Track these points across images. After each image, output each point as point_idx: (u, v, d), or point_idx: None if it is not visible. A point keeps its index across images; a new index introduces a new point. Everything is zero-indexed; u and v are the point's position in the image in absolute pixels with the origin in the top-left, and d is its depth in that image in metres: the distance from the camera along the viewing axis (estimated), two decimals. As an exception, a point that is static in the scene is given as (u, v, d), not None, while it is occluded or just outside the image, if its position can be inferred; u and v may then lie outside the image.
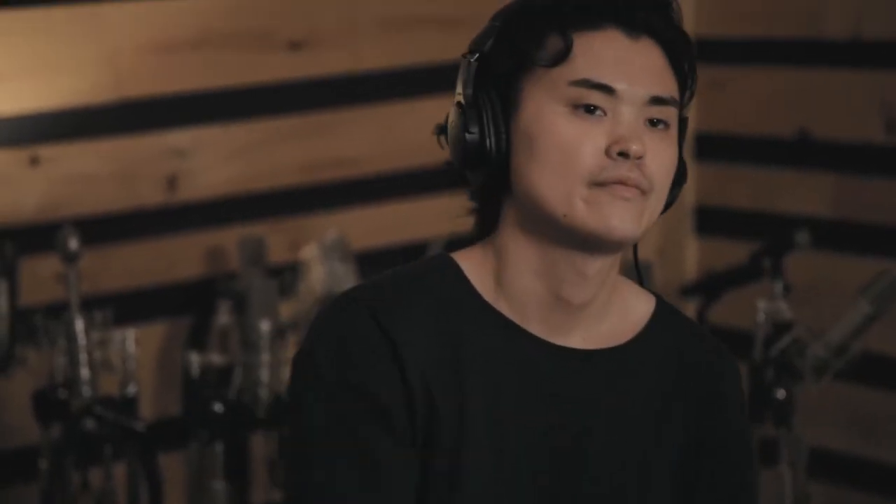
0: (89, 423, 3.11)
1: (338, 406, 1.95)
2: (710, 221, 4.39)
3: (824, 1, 4.12)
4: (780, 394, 3.18)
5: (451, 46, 2.14)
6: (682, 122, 1.93)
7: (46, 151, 3.49)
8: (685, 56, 1.91)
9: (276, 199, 3.88)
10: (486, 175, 1.89)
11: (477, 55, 1.86)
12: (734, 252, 3.80)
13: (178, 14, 3.73)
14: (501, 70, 1.88)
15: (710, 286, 3.71)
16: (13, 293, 3.15)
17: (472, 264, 1.96)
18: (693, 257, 4.47)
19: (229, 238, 3.69)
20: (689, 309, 3.71)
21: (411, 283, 2.02)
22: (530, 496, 1.99)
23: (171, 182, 3.65)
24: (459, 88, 1.88)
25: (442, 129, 1.89)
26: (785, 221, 3.85)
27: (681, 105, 1.93)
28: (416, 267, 2.07)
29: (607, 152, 1.81)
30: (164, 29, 3.66)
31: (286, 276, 3.61)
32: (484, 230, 1.94)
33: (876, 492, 3.96)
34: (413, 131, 3.82)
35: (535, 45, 1.86)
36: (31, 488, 3.27)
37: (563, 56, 1.83)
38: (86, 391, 3.09)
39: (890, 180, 3.94)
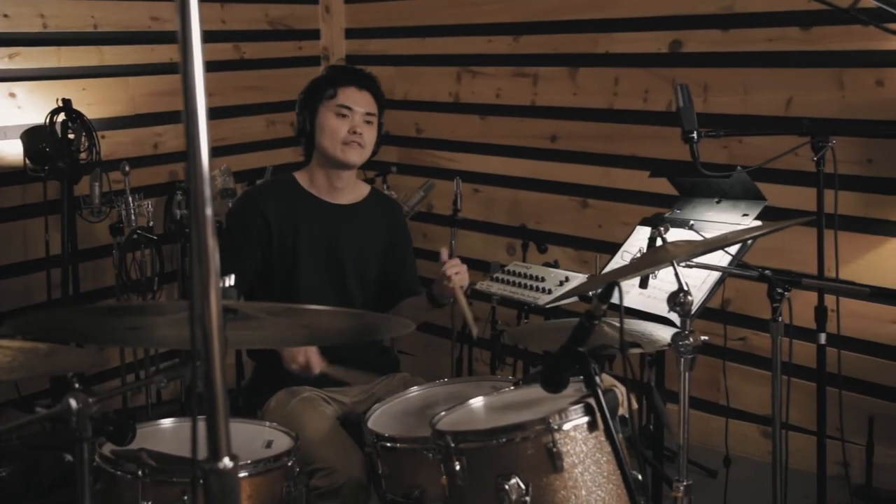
0: (135, 235, 3.66)
1: (236, 230, 2.57)
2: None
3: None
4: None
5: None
6: (381, 124, 2.63)
7: (106, 133, 3.89)
8: (380, 97, 2.63)
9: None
10: (306, 139, 2.61)
11: (302, 96, 2.60)
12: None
13: (159, 81, 4.08)
14: (312, 101, 2.57)
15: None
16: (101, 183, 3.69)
17: (300, 175, 2.65)
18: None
19: (181, 167, 4.10)
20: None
21: (273, 185, 2.79)
22: (325, 265, 2.59)
23: (156, 146, 4.16)
24: (297, 109, 2.61)
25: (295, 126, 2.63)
26: (385, 164, 4.33)
27: (378, 115, 2.61)
28: (277, 178, 2.94)
29: (349, 132, 2.52)
30: (152, 86, 4.09)
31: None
32: (306, 161, 2.67)
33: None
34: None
35: (324, 92, 2.56)
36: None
37: (333, 96, 2.55)
38: (132, 224, 3.66)
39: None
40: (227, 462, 1.14)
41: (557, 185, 4.17)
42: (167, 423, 2.18)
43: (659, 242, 2.12)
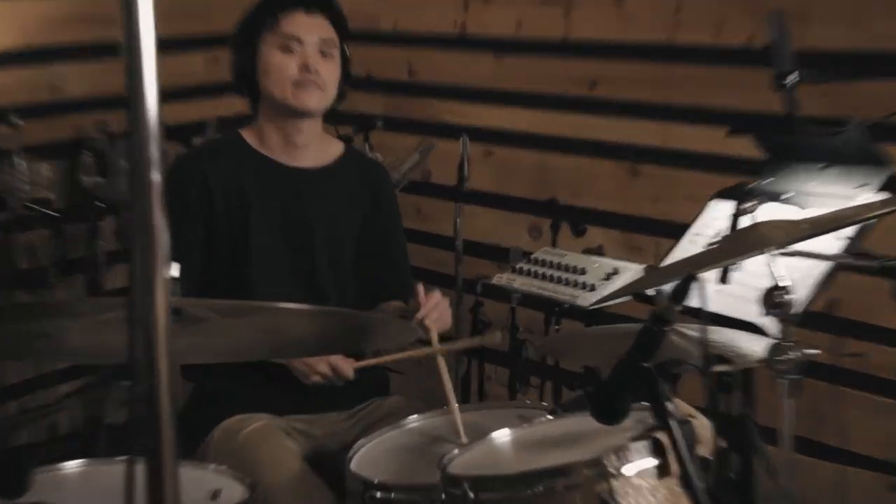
0: (26, 211, 3.62)
1: (172, 204, 2.59)
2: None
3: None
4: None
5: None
6: (346, 57, 2.68)
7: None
8: (339, 21, 2.68)
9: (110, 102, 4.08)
10: (248, 89, 2.69)
11: (237, 31, 2.67)
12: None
13: (60, 4, 3.99)
14: (249, 36, 2.63)
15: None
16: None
17: (247, 132, 2.74)
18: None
19: (90, 119, 4.02)
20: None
21: (217, 144, 2.90)
22: (283, 245, 2.66)
23: (56, 91, 4.05)
24: (232, 48, 2.69)
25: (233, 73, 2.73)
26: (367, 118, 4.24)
27: (340, 44, 2.67)
28: (221, 136, 3.03)
29: (300, 69, 2.57)
30: (51, 10, 3.97)
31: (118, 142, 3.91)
32: (254, 115, 2.74)
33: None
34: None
35: (264, 22, 2.62)
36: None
37: (275, 25, 2.60)
38: (23, 196, 3.63)
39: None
40: (173, 521, 1.12)
41: (598, 147, 4.09)
42: (72, 466, 2.18)
43: (747, 222, 2.10)
